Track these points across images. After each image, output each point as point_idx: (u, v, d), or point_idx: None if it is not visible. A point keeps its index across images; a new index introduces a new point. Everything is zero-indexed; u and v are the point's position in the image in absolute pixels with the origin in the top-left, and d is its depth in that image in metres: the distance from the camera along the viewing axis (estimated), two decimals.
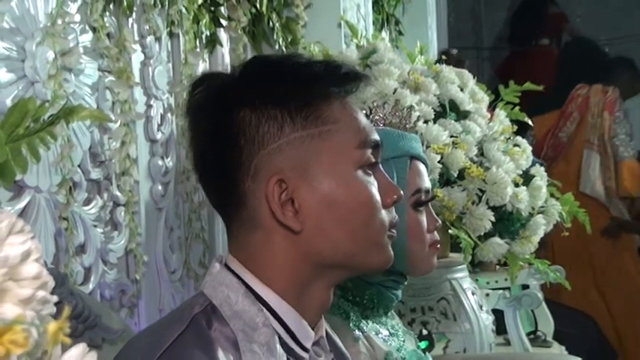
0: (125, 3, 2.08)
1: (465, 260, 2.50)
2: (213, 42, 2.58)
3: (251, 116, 1.24)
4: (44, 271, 0.78)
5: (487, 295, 3.39)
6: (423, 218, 1.80)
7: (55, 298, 0.79)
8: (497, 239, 2.58)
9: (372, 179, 1.29)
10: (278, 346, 1.23)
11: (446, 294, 2.68)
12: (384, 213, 1.29)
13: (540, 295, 3.42)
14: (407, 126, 1.86)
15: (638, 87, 5.66)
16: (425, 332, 2.75)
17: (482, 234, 2.57)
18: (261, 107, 1.24)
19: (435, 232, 1.82)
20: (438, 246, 1.83)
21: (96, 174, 2.04)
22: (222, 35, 2.67)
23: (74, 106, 1.39)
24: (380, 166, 1.34)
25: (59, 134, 1.79)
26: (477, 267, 3.55)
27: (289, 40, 2.86)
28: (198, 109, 1.29)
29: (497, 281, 3.75)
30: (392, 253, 1.32)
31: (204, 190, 1.33)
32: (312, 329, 1.30)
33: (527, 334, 3.60)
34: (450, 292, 2.68)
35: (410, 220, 1.77)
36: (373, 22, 4.02)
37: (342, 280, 1.36)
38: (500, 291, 3.41)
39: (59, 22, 1.86)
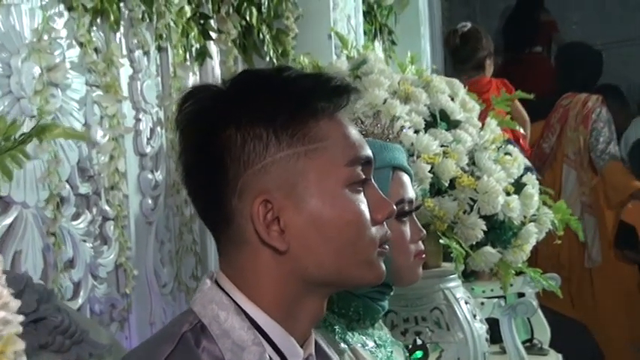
0: (112, 18, 2.09)
1: (456, 270, 2.50)
2: (203, 55, 2.58)
3: (236, 135, 1.23)
4: (4, 292, 0.77)
5: (482, 303, 3.38)
6: (407, 229, 1.80)
7: (19, 318, 0.78)
8: (489, 248, 2.58)
9: (360, 197, 1.27)
10: None
11: (439, 304, 2.67)
12: (374, 229, 1.28)
13: (535, 303, 3.41)
14: (389, 136, 1.85)
15: (629, 111, 5.67)
16: (419, 342, 2.75)
17: (474, 243, 2.56)
18: (246, 126, 1.23)
19: (420, 243, 1.82)
20: (423, 256, 1.83)
21: (84, 189, 2.04)
22: (213, 48, 2.68)
23: (47, 123, 1.40)
24: (372, 181, 1.33)
25: (45, 150, 1.81)
26: (471, 276, 3.55)
27: (280, 51, 2.87)
28: (186, 124, 1.28)
29: (492, 290, 3.74)
30: (384, 268, 1.31)
31: (194, 205, 1.33)
32: (302, 346, 1.30)
33: (524, 342, 3.60)
34: (443, 302, 2.67)
35: (392, 231, 1.76)
36: (366, 33, 4.03)
37: (332, 294, 1.35)
38: (495, 299, 3.41)
39: (45, 37, 1.86)
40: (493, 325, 3.29)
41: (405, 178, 1.84)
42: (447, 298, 2.68)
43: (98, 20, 2.10)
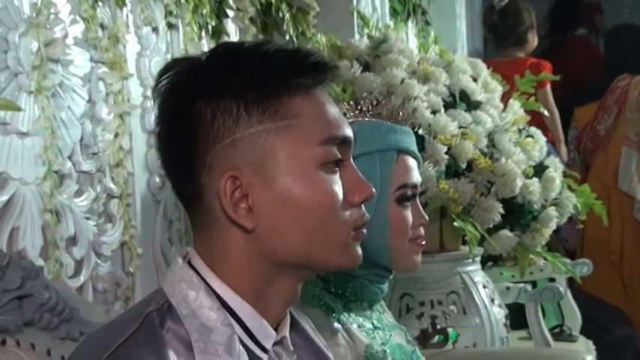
0: None
1: (470, 253, 2.45)
2: (219, 32, 2.56)
3: (207, 109, 1.19)
4: None
5: (507, 288, 3.33)
6: (408, 213, 1.76)
7: None
8: (506, 232, 2.54)
9: (334, 177, 1.22)
10: (237, 345, 1.20)
11: (456, 288, 2.64)
12: (348, 212, 1.23)
13: (562, 289, 3.35)
14: (398, 119, 1.81)
15: None
16: (439, 326, 2.72)
17: (491, 226, 2.52)
18: (217, 99, 1.19)
19: (421, 229, 1.78)
20: (423, 242, 1.79)
21: (88, 166, 2.03)
22: (231, 26, 2.65)
23: None
24: (351, 162, 1.27)
25: (43, 126, 1.80)
26: (499, 260, 3.50)
27: (300, 30, 2.83)
28: (160, 97, 1.26)
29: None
30: (359, 252, 1.26)
31: (169, 180, 1.30)
32: (276, 329, 1.27)
33: (553, 328, 3.54)
34: (461, 286, 2.64)
35: (392, 215, 1.73)
36: (398, 13, 3.98)
37: (308, 277, 1.32)
38: (522, 284, 3.35)
39: (44, 12, 1.85)
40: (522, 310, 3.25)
41: (411, 162, 1.79)
42: (464, 282, 2.64)
43: None
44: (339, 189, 1.22)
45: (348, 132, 1.26)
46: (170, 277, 1.24)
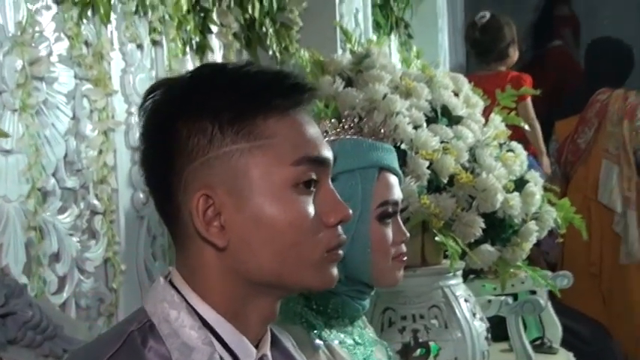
0: (102, 10, 2.08)
1: (451, 268, 2.47)
2: (202, 48, 2.58)
3: (183, 128, 1.22)
4: None
5: (489, 301, 3.35)
6: (389, 231, 1.77)
7: None
8: (487, 246, 2.55)
9: (307, 198, 1.23)
10: None
11: (437, 301, 2.64)
12: (322, 233, 1.24)
13: (543, 301, 3.37)
14: (379, 136, 1.83)
15: None
16: (421, 340, 2.73)
17: (472, 241, 2.54)
18: (194, 119, 1.21)
19: (402, 245, 1.80)
20: (405, 259, 1.81)
21: (72, 182, 2.05)
22: (215, 41, 2.67)
23: None
24: (329, 182, 1.28)
25: (27, 143, 1.81)
26: (481, 273, 3.53)
27: (283, 45, 2.85)
28: (144, 116, 1.28)
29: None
30: (334, 273, 1.27)
31: (151, 197, 1.32)
32: (256, 346, 1.28)
33: (534, 341, 3.57)
34: (442, 300, 2.65)
35: (374, 233, 1.75)
36: (381, 26, 4.01)
37: (285, 296, 1.33)
38: (503, 297, 3.38)
39: (29, 31, 1.86)
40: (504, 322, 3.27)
41: (392, 179, 1.81)
42: (446, 295, 2.65)
43: (89, 13, 2.09)
44: (311, 210, 1.24)
45: (326, 153, 1.27)
46: (152, 296, 1.26)
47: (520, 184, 2.69)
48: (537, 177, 2.78)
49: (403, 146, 2.50)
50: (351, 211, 1.28)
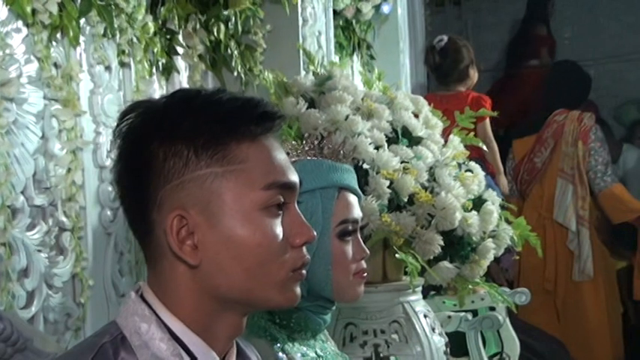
0: (72, 33, 2.13)
1: (411, 284, 2.54)
2: (169, 69, 2.63)
3: (159, 150, 1.28)
4: None
5: (449, 317, 3.42)
6: (349, 248, 1.84)
7: None
8: (445, 263, 2.62)
9: (276, 220, 1.31)
10: None
11: (398, 317, 2.71)
12: (289, 253, 1.32)
13: (501, 317, 3.45)
14: (339, 157, 1.90)
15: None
16: (381, 355, 2.79)
17: (432, 258, 2.61)
18: (169, 142, 1.28)
19: (362, 262, 1.86)
20: (364, 275, 1.87)
21: (40, 200, 2.09)
22: (181, 63, 2.73)
23: None
24: (295, 206, 1.36)
25: None
26: (442, 289, 3.60)
27: (247, 67, 2.92)
28: (119, 137, 1.33)
29: (464, 303, 3.79)
30: (297, 292, 1.34)
31: (124, 215, 1.37)
32: (223, 359, 1.34)
33: (493, 356, 3.64)
34: (402, 315, 2.71)
35: (334, 250, 1.82)
36: (344, 47, 4.09)
37: (250, 312, 1.39)
38: (462, 313, 3.45)
39: (0, 53, 1.91)
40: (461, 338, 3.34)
41: (352, 198, 1.88)
42: (406, 311, 2.72)
43: (58, 36, 2.14)
44: (279, 231, 1.31)
45: (293, 178, 1.35)
46: (124, 310, 1.32)
47: (478, 202, 2.76)
48: (495, 196, 2.86)
49: (365, 166, 2.57)
50: (315, 233, 1.35)
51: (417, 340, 2.70)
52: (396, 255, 2.50)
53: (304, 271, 1.35)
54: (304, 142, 1.89)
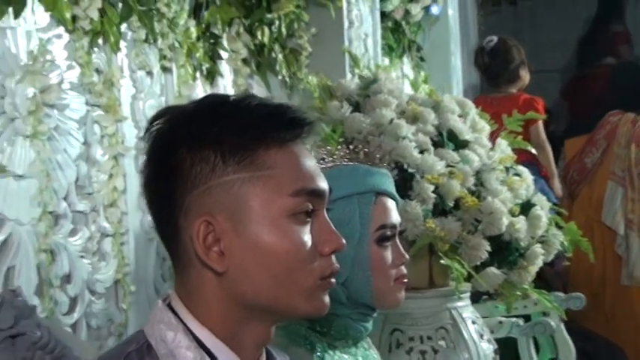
0: (112, 39, 2.14)
1: (456, 290, 2.50)
2: (212, 74, 2.63)
3: (186, 156, 1.26)
4: None
5: (500, 322, 3.38)
6: (388, 253, 1.81)
7: None
8: (493, 269, 2.58)
9: (304, 228, 1.28)
10: None
11: (445, 323, 2.67)
12: (317, 262, 1.29)
13: (554, 323, 3.39)
14: (375, 161, 1.87)
15: None
16: None
17: (479, 263, 2.57)
18: (197, 148, 1.26)
19: (402, 267, 1.83)
20: (405, 280, 1.84)
21: (82, 206, 2.10)
22: (225, 67, 2.73)
23: None
24: (324, 213, 1.33)
25: (38, 168, 1.87)
26: (495, 294, 3.55)
27: (292, 70, 2.90)
28: (148, 142, 1.32)
29: (516, 308, 3.74)
30: (325, 301, 1.31)
31: (152, 220, 1.36)
32: None
33: None
34: (450, 322, 2.68)
35: (373, 256, 1.79)
36: (393, 49, 4.06)
37: (278, 322, 1.37)
38: (514, 319, 3.40)
39: (40, 59, 1.92)
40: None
41: (390, 203, 1.85)
42: (453, 317, 2.68)
43: (100, 41, 2.15)
44: (307, 239, 1.28)
45: (322, 185, 1.32)
46: (151, 318, 1.31)
47: (526, 207, 2.72)
48: (544, 200, 2.81)
49: (410, 170, 2.54)
50: (344, 241, 1.32)
51: (465, 346, 2.66)
52: (441, 261, 2.47)
53: (333, 280, 1.32)
54: (339, 147, 1.86)
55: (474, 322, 2.74)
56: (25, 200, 1.92)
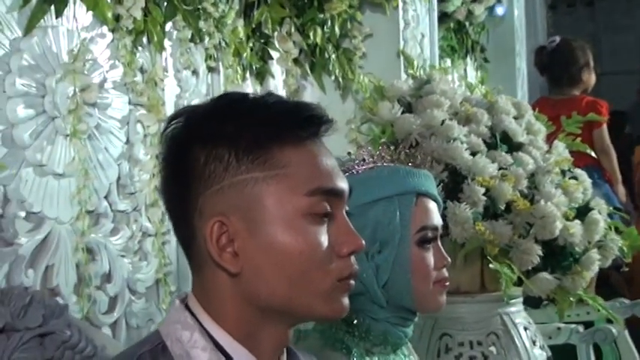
0: (156, 38, 2.13)
1: (504, 295, 2.44)
2: (262, 74, 2.62)
3: (200, 154, 1.24)
4: None
5: (558, 329, 3.31)
6: (429, 255, 1.77)
7: None
8: (545, 274, 2.52)
9: (320, 228, 1.25)
10: None
11: (496, 328, 2.62)
12: (334, 263, 1.25)
13: (615, 330, 3.31)
14: (416, 162, 1.84)
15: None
16: None
17: (531, 268, 2.51)
18: (211, 146, 1.24)
19: (444, 270, 1.79)
20: (446, 284, 1.80)
21: (124, 205, 2.10)
22: (275, 67, 2.71)
23: None
24: (343, 213, 1.29)
25: (77, 167, 1.87)
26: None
27: (345, 71, 2.87)
28: (165, 141, 1.31)
29: (578, 314, 3.66)
30: (344, 303, 1.28)
31: (169, 220, 1.35)
32: None
33: None
34: (501, 327, 2.62)
35: (414, 257, 1.75)
36: (456, 50, 4.00)
37: (295, 324, 1.34)
38: (573, 325, 3.32)
39: (81, 58, 1.92)
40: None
41: (431, 204, 1.81)
42: (504, 323, 2.63)
43: (144, 40, 2.15)
44: (324, 239, 1.25)
45: (341, 184, 1.28)
46: (167, 318, 1.29)
47: (584, 211, 2.65)
48: (602, 204, 2.73)
49: (463, 172, 2.50)
50: (364, 242, 1.29)
51: (516, 353, 2.60)
52: (490, 265, 2.42)
53: (352, 282, 1.28)
54: (380, 148, 1.83)
55: (526, 328, 2.68)
56: (64, 199, 1.92)
